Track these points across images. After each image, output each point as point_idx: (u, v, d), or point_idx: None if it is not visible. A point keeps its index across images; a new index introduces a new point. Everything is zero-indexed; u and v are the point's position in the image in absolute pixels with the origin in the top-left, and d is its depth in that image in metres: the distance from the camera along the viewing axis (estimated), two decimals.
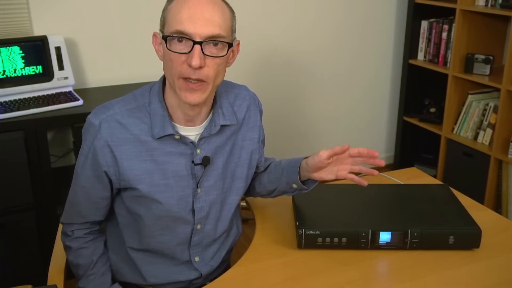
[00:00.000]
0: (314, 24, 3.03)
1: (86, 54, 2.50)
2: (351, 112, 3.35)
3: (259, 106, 1.38)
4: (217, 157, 1.27)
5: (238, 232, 1.44)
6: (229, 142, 1.29)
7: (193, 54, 1.07)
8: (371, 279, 1.21)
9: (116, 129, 1.18)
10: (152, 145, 1.20)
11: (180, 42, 1.09)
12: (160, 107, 1.19)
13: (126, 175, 1.20)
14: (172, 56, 1.10)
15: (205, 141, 1.24)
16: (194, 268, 1.33)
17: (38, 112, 2.09)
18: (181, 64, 1.09)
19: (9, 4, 2.26)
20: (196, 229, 1.29)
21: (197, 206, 1.26)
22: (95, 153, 1.20)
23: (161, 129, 1.19)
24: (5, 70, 2.14)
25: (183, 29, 1.08)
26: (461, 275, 1.22)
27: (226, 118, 1.26)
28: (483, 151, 2.75)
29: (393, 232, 1.29)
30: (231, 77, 1.32)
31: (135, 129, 1.19)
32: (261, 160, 1.41)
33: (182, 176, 1.23)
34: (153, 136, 1.19)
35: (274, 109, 3.05)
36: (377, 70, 3.33)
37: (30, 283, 1.24)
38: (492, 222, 1.43)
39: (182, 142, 1.22)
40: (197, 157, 1.23)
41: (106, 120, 1.19)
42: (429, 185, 1.54)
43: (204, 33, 1.08)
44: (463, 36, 2.82)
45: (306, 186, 1.35)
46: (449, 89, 2.90)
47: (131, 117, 1.20)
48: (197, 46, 1.07)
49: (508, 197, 2.70)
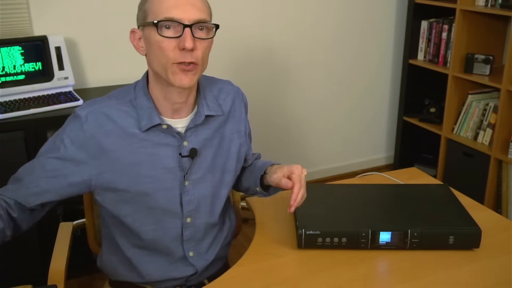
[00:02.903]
0: (314, 24, 3.03)
1: (86, 54, 2.50)
2: (351, 112, 3.35)
3: (243, 99, 1.40)
4: (205, 149, 1.28)
5: (231, 225, 1.45)
6: (217, 135, 1.31)
7: (185, 37, 1.11)
8: (371, 279, 1.21)
9: (103, 121, 1.20)
10: (139, 137, 1.21)
11: (168, 29, 1.13)
12: (145, 100, 1.22)
13: (113, 167, 1.20)
14: (162, 44, 1.13)
15: (192, 133, 1.26)
16: (190, 264, 1.33)
17: (38, 112, 2.09)
18: (173, 49, 1.13)
19: (9, 4, 2.26)
20: (186, 223, 1.29)
21: (185, 199, 1.27)
22: (74, 142, 1.19)
23: (148, 121, 1.21)
24: (5, 66, 2.14)
25: (172, 15, 1.11)
26: (461, 275, 1.22)
27: (211, 109, 1.28)
28: (483, 151, 2.75)
29: (393, 232, 1.29)
30: (227, 75, 1.32)
31: (123, 122, 1.21)
32: (248, 153, 1.43)
33: (169, 168, 1.24)
34: (140, 129, 1.21)
35: (273, 109, 3.05)
36: (377, 70, 3.33)
37: (30, 283, 1.24)
38: (492, 222, 1.43)
39: (169, 133, 1.23)
40: (184, 149, 1.25)
41: (93, 112, 1.20)
42: (429, 185, 1.54)
43: (192, 17, 1.12)
44: (463, 36, 2.82)
45: (268, 192, 1.38)
46: (449, 89, 2.90)
47: (119, 111, 1.22)
48: (187, 29, 1.12)
49: (508, 197, 2.70)
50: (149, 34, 1.15)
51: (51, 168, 1.21)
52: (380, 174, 1.70)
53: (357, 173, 1.81)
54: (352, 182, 1.69)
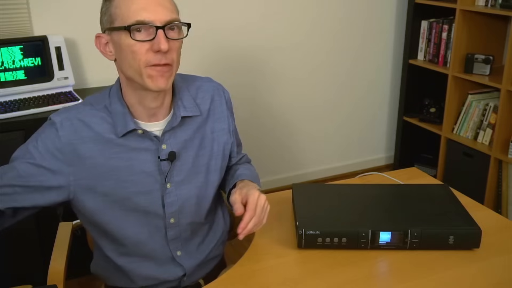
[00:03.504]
0: (314, 24, 3.03)
1: (86, 54, 2.50)
2: (351, 112, 3.35)
3: (224, 95, 1.37)
4: (185, 151, 1.26)
5: (226, 224, 1.44)
6: (198, 135, 1.29)
7: (159, 39, 1.09)
8: (371, 279, 1.21)
9: (79, 128, 1.18)
10: (116, 143, 1.19)
11: (140, 32, 1.10)
12: (120, 105, 1.20)
13: (90, 173, 1.18)
14: (134, 48, 1.10)
15: (170, 136, 1.24)
16: (179, 264, 1.33)
17: (38, 112, 2.09)
18: (146, 53, 1.11)
19: (9, 4, 2.26)
20: (169, 223, 1.27)
21: (167, 201, 1.25)
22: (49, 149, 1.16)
23: (123, 127, 1.19)
24: (4, 61, 2.14)
25: (142, 18, 1.09)
26: (461, 275, 1.22)
27: (188, 110, 1.26)
28: (483, 151, 2.75)
29: (393, 232, 1.29)
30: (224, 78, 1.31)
31: (99, 127, 1.19)
32: (233, 150, 1.40)
33: (148, 172, 1.23)
34: (116, 135, 1.19)
35: (273, 109, 3.05)
36: (377, 70, 3.33)
37: (30, 283, 1.24)
38: (492, 222, 1.43)
39: (146, 137, 1.21)
40: (163, 152, 1.23)
41: (69, 118, 1.18)
42: (429, 185, 1.54)
43: (163, 19, 1.10)
44: (463, 36, 2.82)
45: None
46: (449, 89, 2.90)
47: (94, 117, 1.20)
48: (160, 31, 1.09)
49: (508, 197, 2.70)
50: (119, 38, 1.13)
51: (25, 174, 1.16)
52: (380, 174, 1.70)
53: (357, 173, 1.81)
54: (352, 182, 1.69)
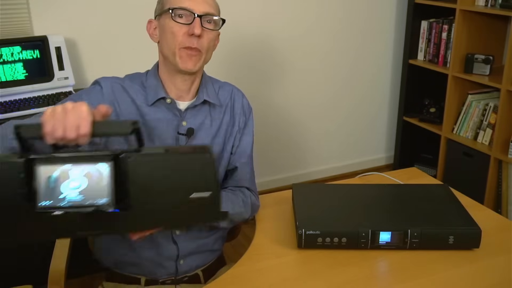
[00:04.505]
0: (314, 24, 3.03)
1: (86, 54, 2.50)
2: (351, 112, 3.35)
3: (243, 98, 1.48)
4: (201, 132, 1.38)
5: None
6: (215, 123, 1.41)
7: (195, 24, 1.28)
8: (371, 279, 1.21)
9: (119, 91, 1.34)
10: (144, 110, 1.34)
11: (181, 18, 1.29)
12: (154, 79, 1.37)
13: None
14: (174, 29, 1.29)
15: (192, 115, 1.37)
16: (174, 242, 1.36)
17: (38, 112, 2.09)
18: (183, 35, 1.29)
19: (9, 4, 2.26)
20: None
21: None
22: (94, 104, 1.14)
23: (154, 95, 1.35)
24: (2, 54, 2.15)
25: (185, 5, 1.28)
26: (461, 275, 1.22)
27: (210, 96, 1.40)
28: (483, 151, 2.75)
29: (393, 232, 1.29)
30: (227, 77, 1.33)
31: (134, 93, 1.35)
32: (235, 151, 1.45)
33: (165, 144, 1.34)
34: (147, 103, 1.34)
35: (273, 109, 3.05)
36: (377, 70, 3.33)
37: (31, 283, 1.24)
38: (492, 222, 1.43)
39: (171, 110, 1.35)
40: (182, 128, 1.36)
41: (112, 82, 1.36)
42: (429, 185, 1.54)
43: (202, 9, 1.29)
44: (463, 36, 2.82)
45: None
46: (449, 89, 2.90)
47: (132, 87, 1.36)
48: (197, 18, 1.28)
49: (508, 197, 2.70)
50: (164, 21, 1.32)
51: None
52: (380, 174, 1.70)
53: (357, 173, 1.81)
54: (352, 182, 1.69)
